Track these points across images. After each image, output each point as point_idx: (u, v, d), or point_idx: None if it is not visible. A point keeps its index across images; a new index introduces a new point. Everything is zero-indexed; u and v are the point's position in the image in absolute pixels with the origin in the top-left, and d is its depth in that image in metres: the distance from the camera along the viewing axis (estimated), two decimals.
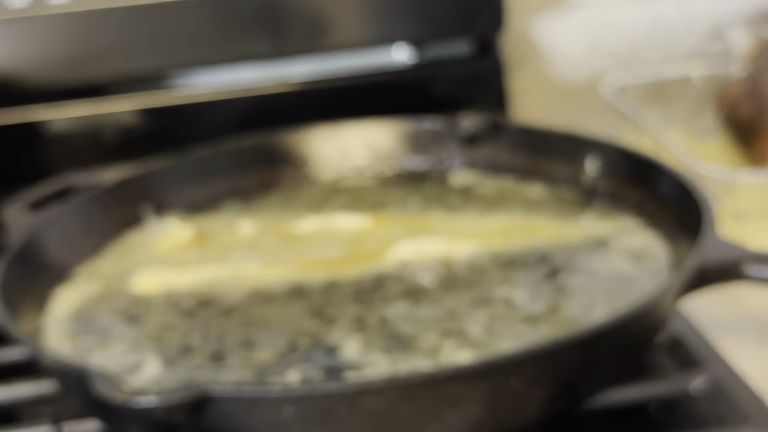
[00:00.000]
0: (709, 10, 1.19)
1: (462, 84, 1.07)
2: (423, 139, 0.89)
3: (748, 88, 0.92)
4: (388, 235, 0.77)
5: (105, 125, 1.01)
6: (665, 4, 1.18)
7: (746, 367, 0.66)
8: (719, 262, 0.61)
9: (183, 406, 0.50)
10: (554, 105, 1.19)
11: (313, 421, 0.51)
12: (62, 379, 0.58)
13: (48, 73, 0.97)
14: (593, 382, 0.57)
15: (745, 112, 0.91)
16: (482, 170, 0.87)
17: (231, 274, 0.72)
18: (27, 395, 0.65)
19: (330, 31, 1.00)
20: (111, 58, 0.97)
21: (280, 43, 0.99)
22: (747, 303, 0.75)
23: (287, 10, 0.99)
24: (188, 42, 0.98)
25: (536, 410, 0.55)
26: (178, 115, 1.02)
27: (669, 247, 0.70)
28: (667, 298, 0.58)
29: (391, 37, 1.03)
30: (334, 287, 0.69)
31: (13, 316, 0.61)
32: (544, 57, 1.17)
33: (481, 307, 0.65)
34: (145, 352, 0.63)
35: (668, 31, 1.19)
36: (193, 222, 0.81)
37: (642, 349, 0.60)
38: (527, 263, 0.71)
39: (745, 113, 0.91)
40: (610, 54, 1.18)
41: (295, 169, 0.88)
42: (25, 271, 0.68)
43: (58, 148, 1.00)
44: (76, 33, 0.96)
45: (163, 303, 0.69)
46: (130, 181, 0.81)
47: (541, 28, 1.17)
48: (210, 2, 0.97)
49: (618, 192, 0.78)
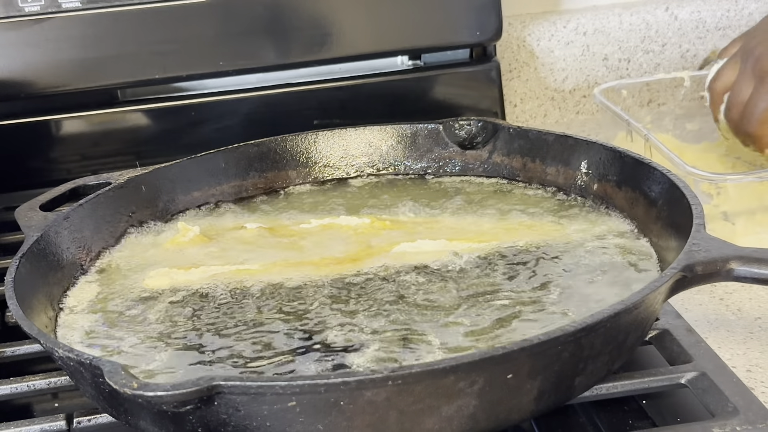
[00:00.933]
0: (700, 15, 1.19)
1: (459, 88, 1.07)
2: (421, 142, 0.89)
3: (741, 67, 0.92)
4: (388, 236, 0.77)
5: (115, 127, 1.02)
6: (657, 11, 1.19)
7: (735, 361, 0.68)
8: (708, 261, 0.61)
9: (192, 398, 0.50)
10: (549, 109, 1.20)
11: (318, 413, 0.52)
12: (74, 372, 0.58)
13: (59, 76, 0.97)
14: (585, 376, 0.57)
15: (744, 91, 0.90)
16: (478, 172, 0.88)
17: (236, 273, 0.73)
18: (39, 389, 0.66)
19: (334, 43, 1.01)
20: (121, 63, 0.98)
21: (286, 53, 1.00)
22: (735, 300, 0.76)
23: (293, 24, 1.00)
24: (200, 50, 0.99)
25: (530, 403, 0.55)
26: (186, 118, 1.03)
27: (659, 246, 0.71)
28: (657, 295, 0.59)
29: (392, 48, 1.04)
30: (335, 287, 0.70)
31: (27, 312, 0.62)
32: (539, 62, 1.18)
33: (480, 306, 0.66)
34: (155, 346, 0.64)
35: (660, 36, 1.19)
36: (199, 222, 0.82)
37: (633, 345, 0.61)
38: (521, 263, 0.71)
39: (744, 93, 0.90)
40: (603, 59, 1.19)
41: (298, 171, 0.89)
42: (38, 268, 0.69)
43: (70, 150, 1.01)
44: (88, 37, 0.96)
45: (171, 300, 0.70)
46: (138, 182, 0.82)
47: (535, 34, 1.17)
48: (221, 14, 0.97)
49: (610, 192, 0.79)
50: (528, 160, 0.85)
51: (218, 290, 0.71)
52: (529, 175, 0.85)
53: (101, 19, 0.96)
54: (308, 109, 1.05)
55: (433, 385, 0.52)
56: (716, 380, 0.60)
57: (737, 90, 0.91)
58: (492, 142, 0.87)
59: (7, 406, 0.68)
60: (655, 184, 0.73)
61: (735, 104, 0.91)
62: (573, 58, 1.18)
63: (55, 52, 0.96)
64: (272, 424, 0.52)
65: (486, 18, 1.03)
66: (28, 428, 0.61)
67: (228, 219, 0.83)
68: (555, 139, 0.83)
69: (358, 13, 1.01)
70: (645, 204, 0.74)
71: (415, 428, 0.53)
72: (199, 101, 1.04)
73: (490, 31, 1.04)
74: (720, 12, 1.20)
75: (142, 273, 0.74)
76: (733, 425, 0.56)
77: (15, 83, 0.96)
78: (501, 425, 0.56)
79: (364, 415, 0.52)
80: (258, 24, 0.99)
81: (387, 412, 0.52)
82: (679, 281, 0.60)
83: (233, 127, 1.03)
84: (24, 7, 0.94)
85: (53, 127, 1.01)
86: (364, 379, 0.51)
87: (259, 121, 1.04)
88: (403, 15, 1.02)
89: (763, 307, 0.75)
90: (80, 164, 1.01)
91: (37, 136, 1.00)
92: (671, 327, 0.66)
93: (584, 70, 1.19)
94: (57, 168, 1.01)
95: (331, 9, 1.01)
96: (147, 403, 0.51)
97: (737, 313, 0.74)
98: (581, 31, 1.17)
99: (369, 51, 1.04)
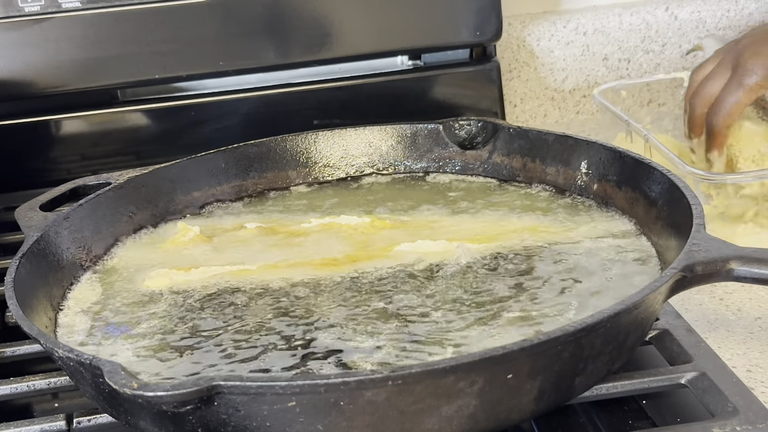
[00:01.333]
0: (699, 15, 1.20)
1: (459, 88, 1.08)
2: (421, 142, 0.90)
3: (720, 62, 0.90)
4: (388, 236, 0.78)
5: (115, 127, 1.02)
6: (657, 11, 1.19)
7: (735, 361, 0.68)
8: (708, 261, 0.61)
9: (192, 398, 0.50)
10: (549, 109, 1.20)
11: (318, 413, 0.52)
12: (74, 372, 0.58)
13: (59, 76, 0.97)
14: (585, 376, 0.57)
15: (718, 82, 0.88)
16: (478, 172, 0.88)
17: (236, 273, 0.73)
18: (39, 389, 0.66)
19: (334, 43, 1.01)
20: (122, 63, 0.98)
21: (286, 53, 1.00)
22: (735, 300, 0.76)
23: (293, 24, 1.00)
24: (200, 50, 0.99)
25: (530, 403, 0.55)
26: (186, 118, 1.03)
27: (659, 246, 0.71)
28: (657, 295, 0.59)
29: (392, 48, 1.04)
30: (336, 287, 0.70)
31: (27, 312, 0.62)
32: (539, 62, 1.18)
33: (481, 306, 0.66)
34: (155, 346, 0.64)
35: (660, 36, 1.19)
36: (199, 222, 0.82)
37: (633, 345, 0.61)
38: (522, 263, 0.71)
39: (717, 84, 0.88)
40: (603, 59, 1.19)
41: (298, 171, 0.89)
42: (38, 268, 0.69)
43: (70, 150, 1.01)
44: (88, 37, 0.96)
45: (171, 300, 0.70)
46: (138, 183, 0.82)
47: (535, 34, 1.17)
48: (221, 14, 0.97)
49: (610, 192, 0.79)
50: (528, 160, 0.85)
51: (218, 290, 0.71)
52: (529, 175, 0.85)
53: (101, 19, 0.96)
54: (308, 109, 1.05)
55: (433, 385, 0.52)
56: (716, 380, 0.60)
57: (712, 80, 0.89)
58: (492, 142, 0.87)
59: (7, 406, 0.68)
60: (655, 184, 0.73)
61: (706, 95, 0.89)
62: (573, 58, 1.19)
63: (55, 52, 0.96)
64: (272, 424, 0.52)
65: (486, 18, 1.04)
66: (28, 428, 0.61)
67: (228, 219, 0.83)
68: (555, 139, 0.84)
69: (358, 13, 1.02)
70: (645, 204, 0.74)
71: (415, 428, 0.53)
72: (199, 101, 1.04)
73: (490, 31, 1.04)
74: (720, 12, 1.20)
75: (142, 273, 0.74)
76: (733, 425, 0.56)
77: (15, 83, 0.96)
78: (501, 425, 0.56)
79: (364, 415, 0.52)
80: (258, 24, 0.99)
81: (387, 412, 0.52)
82: (679, 281, 0.61)
83: (233, 127, 1.04)
84: (24, 7, 0.94)
85: (53, 127, 1.01)
86: (364, 379, 0.51)
87: (259, 121, 1.04)
88: (403, 15, 1.02)
89: (763, 307, 0.75)
90: (80, 164, 1.02)
91: (37, 136, 1.00)
92: (671, 327, 0.66)
93: (584, 70, 1.19)
94: (57, 168, 1.01)
95: (331, 9, 1.01)
96: (147, 403, 0.51)
97: (737, 313, 0.74)
98: (581, 31, 1.18)
99: (369, 51, 1.04)
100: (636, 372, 0.61)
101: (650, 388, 0.61)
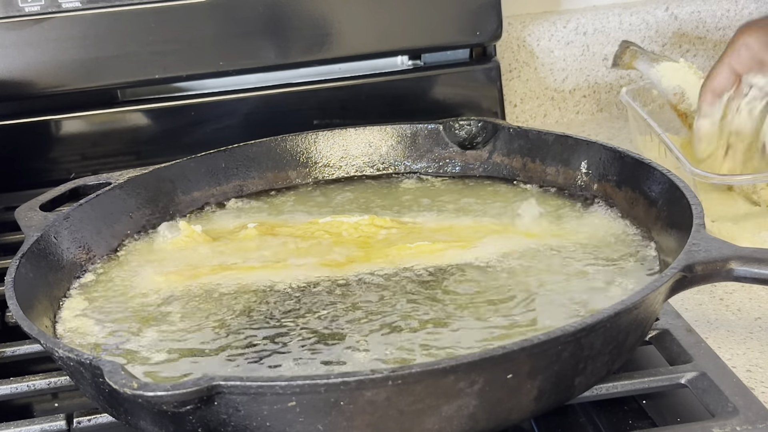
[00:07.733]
0: (700, 15, 1.20)
1: (459, 88, 1.08)
2: (421, 142, 0.90)
3: None
4: (388, 235, 0.78)
5: (115, 127, 1.02)
6: (657, 11, 1.19)
7: (735, 361, 0.68)
8: (708, 261, 0.61)
9: (192, 398, 0.50)
10: (549, 109, 1.20)
11: (318, 413, 0.52)
12: (74, 372, 0.58)
13: (59, 76, 0.97)
14: (585, 376, 0.57)
15: None
16: (478, 173, 0.88)
17: (237, 273, 0.73)
18: (39, 389, 0.66)
19: (334, 43, 1.01)
20: (121, 63, 0.98)
21: (286, 53, 1.01)
22: (735, 300, 0.76)
23: (293, 24, 1.00)
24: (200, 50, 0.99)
25: (530, 403, 0.55)
26: (186, 118, 1.03)
27: (659, 246, 0.71)
28: (657, 295, 0.59)
29: (392, 48, 1.04)
30: (336, 287, 0.70)
31: (27, 312, 0.62)
32: (539, 62, 1.18)
33: (481, 306, 0.66)
34: (156, 346, 0.64)
35: (660, 36, 1.19)
36: (200, 222, 0.82)
37: (633, 345, 0.61)
38: (521, 263, 0.71)
39: None
40: (603, 59, 1.19)
41: (298, 171, 0.89)
42: (38, 268, 0.69)
43: (70, 150, 1.01)
44: (88, 37, 0.97)
45: (173, 301, 0.70)
46: (138, 182, 0.82)
47: (535, 34, 1.17)
48: (221, 14, 0.98)
49: (610, 192, 0.79)
50: (528, 160, 0.86)
51: (219, 290, 0.71)
52: (529, 175, 0.85)
53: (101, 19, 0.97)
54: (308, 109, 1.05)
55: (433, 385, 0.52)
56: (716, 380, 0.60)
57: None
58: (492, 142, 0.88)
59: (7, 406, 0.68)
60: (655, 184, 0.73)
61: None
62: (573, 58, 1.19)
63: (55, 52, 0.96)
64: (272, 424, 0.52)
65: (486, 18, 1.04)
66: (28, 428, 0.61)
67: (228, 219, 0.83)
68: (555, 139, 0.84)
69: (358, 13, 1.02)
70: (645, 204, 0.74)
71: (415, 428, 0.53)
72: (199, 101, 1.05)
73: (490, 31, 1.05)
74: (720, 12, 1.20)
75: (143, 273, 0.74)
76: (733, 425, 0.56)
77: (15, 83, 0.96)
78: (501, 425, 0.56)
79: (364, 415, 0.52)
80: (258, 24, 0.99)
81: (387, 412, 0.52)
82: (679, 281, 0.61)
83: (233, 127, 1.04)
84: (24, 7, 0.94)
85: (53, 127, 1.01)
86: (364, 379, 0.51)
87: (259, 121, 1.04)
88: (403, 15, 1.02)
89: (763, 307, 0.75)
90: (80, 164, 1.02)
91: (37, 136, 1.01)
92: (671, 327, 0.66)
93: (584, 70, 1.19)
94: (57, 168, 1.02)
95: (331, 9, 1.01)
96: (147, 403, 0.51)
97: (737, 313, 0.74)
98: (581, 31, 1.18)
99: (369, 51, 1.04)
100: (636, 372, 0.61)
101: (650, 388, 0.61)
